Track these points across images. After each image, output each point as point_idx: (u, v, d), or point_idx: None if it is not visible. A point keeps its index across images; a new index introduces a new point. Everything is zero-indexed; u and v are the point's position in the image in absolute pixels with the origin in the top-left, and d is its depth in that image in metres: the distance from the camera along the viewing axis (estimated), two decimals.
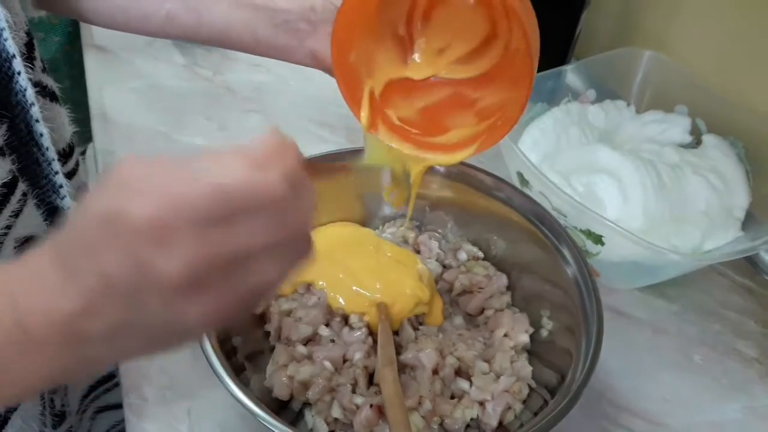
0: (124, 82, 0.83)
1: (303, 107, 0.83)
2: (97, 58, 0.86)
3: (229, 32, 0.49)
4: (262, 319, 0.54)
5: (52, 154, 0.46)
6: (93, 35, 0.88)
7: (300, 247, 0.30)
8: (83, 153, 1.08)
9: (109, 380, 0.63)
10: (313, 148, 0.76)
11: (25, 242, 0.46)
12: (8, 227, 0.44)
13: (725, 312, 0.64)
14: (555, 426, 0.42)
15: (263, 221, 0.27)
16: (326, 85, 0.88)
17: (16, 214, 0.44)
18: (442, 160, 0.51)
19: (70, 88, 0.97)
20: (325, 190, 0.57)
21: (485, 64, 0.49)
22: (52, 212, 0.49)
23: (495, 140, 0.48)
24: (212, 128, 0.78)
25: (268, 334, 0.53)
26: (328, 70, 0.49)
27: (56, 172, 0.47)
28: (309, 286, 0.55)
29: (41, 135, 0.45)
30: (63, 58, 0.95)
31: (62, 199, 0.49)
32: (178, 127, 0.78)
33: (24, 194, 0.45)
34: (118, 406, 0.64)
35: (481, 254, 0.60)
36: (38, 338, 0.27)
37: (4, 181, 0.42)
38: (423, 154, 0.49)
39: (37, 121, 0.44)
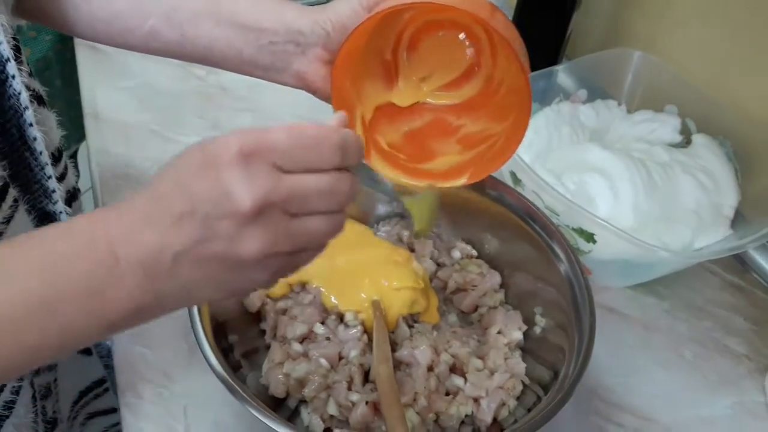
0: (116, 81, 0.83)
1: (295, 107, 0.83)
2: (90, 56, 0.86)
3: (213, 50, 0.48)
4: (258, 317, 0.54)
5: (45, 158, 0.46)
6: None
7: (341, 204, 0.35)
8: (74, 154, 1.07)
9: (99, 386, 0.63)
10: None
11: None
12: (0, 234, 0.44)
13: (715, 309, 0.65)
14: (548, 422, 0.42)
15: (322, 169, 0.33)
16: None
17: (8, 221, 0.44)
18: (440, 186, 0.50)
19: (62, 87, 0.96)
20: None
21: (468, 93, 0.49)
22: (43, 218, 0.49)
23: (490, 170, 0.48)
24: (206, 127, 0.78)
25: (263, 332, 0.54)
26: (314, 92, 0.48)
27: (49, 177, 0.47)
28: (304, 285, 0.55)
29: (35, 139, 0.44)
30: (55, 56, 0.94)
31: (54, 203, 0.49)
32: (172, 126, 0.78)
33: (15, 200, 0.45)
34: (108, 411, 0.64)
35: (474, 252, 0.60)
36: (125, 264, 0.30)
37: None
38: (416, 181, 0.49)
39: (30, 125, 0.43)
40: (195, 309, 0.45)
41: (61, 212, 0.49)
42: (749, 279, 0.68)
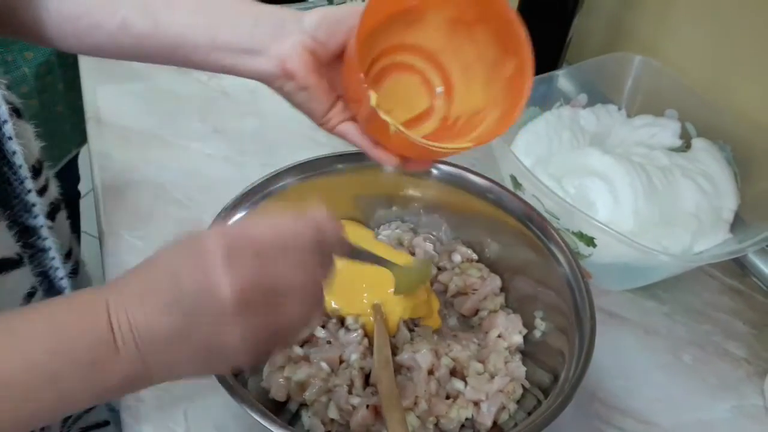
0: (119, 85, 0.83)
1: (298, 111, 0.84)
2: (92, 60, 0.86)
3: (185, 38, 0.47)
4: None
5: (24, 171, 0.46)
6: None
7: (318, 299, 0.37)
8: (75, 157, 1.08)
9: None
10: (308, 151, 0.76)
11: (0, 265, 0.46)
12: None
13: (714, 313, 0.65)
14: (548, 425, 0.42)
15: (300, 263, 0.35)
16: None
17: None
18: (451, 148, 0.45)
19: (65, 90, 0.97)
20: (321, 190, 0.58)
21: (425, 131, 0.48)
22: (24, 232, 0.48)
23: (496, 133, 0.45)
24: (207, 131, 0.79)
25: None
26: (291, 77, 0.46)
27: (29, 191, 0.47)
28: None
29: (14, 153, 0.44)
30: (57, 60, 0.94)
31: (35, 218, 0.48)
32: (174, 130, 0.78)
33: None
34: (101, 425, 0.63)
35: (475, 256, 0.60)
36: (121, 340, 0.32)
37: None
38: (431, 143, 0.47)
39: (9, 138, 0.43)
40: None
41: (42, 226, 0.49)
42: (749, 283, 0.68)
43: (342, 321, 0.54)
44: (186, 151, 0.75)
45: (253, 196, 0.54)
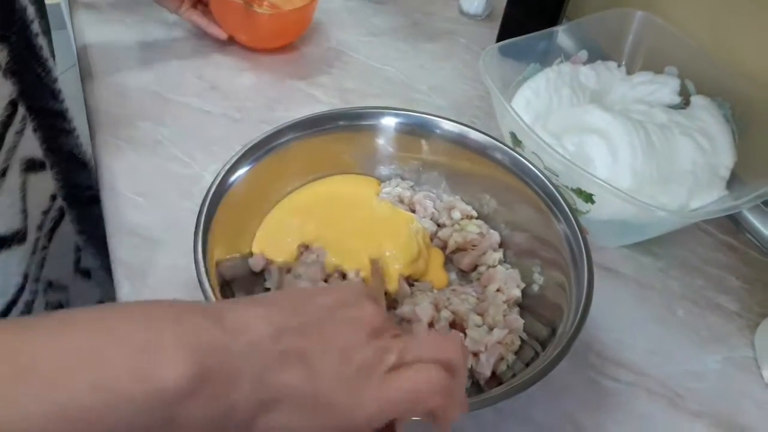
0: (113, 41, 0.82)
1: (295, 66, 0.83)
2: (86, 16, 0.85)
3: None
4: (263, 275, 0.55)
5: (51, 63, 0.48)
6: None
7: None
8: None
9: None
10: (306, 108, 0.76)
11: (29, 165, 0.48)
12: (14, 147, 0.46)
13: (708, 268, 0.66)
14: (545, 376, 0.44)
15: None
16: (317, 46, 0.88)
17: (20, 133, 0.46)
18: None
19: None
20: (322, 147, 0.58)
21: None
22: (49, 136, 0.51)
23: None
24: (205, 87, 0.78)
25: (268, 290, 0.55)
26: None
27: (55, 79, 0.50)
28: (308, 246, 0.56)
29: (41, 47, 0.46)
30: None
31: (61, 102, 0.52)
32: (171, 86, 0.77)
33: (24, 118, 0.47)
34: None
35: (474, 213, 0.61)
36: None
37: (9, 100, 0.44)
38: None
39: (36, 35, 0.45)
40: (202, 267, 0.46)
41: (68, 110, 0.53)
42: (742, 239, 0.69)
43: (343, 275, 0.54)
44: (184, 107, 0.75)
45: (256, 151, 0.54)
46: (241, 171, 0.53)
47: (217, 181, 0.51)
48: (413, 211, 0.61)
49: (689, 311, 0.62)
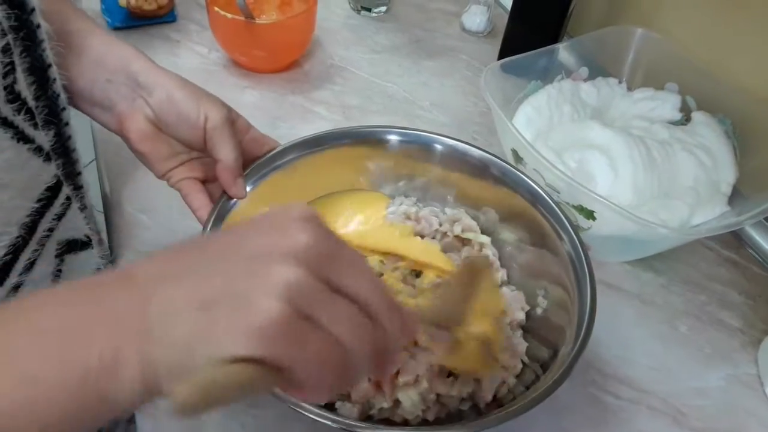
0: None
1: (297, 83, 0.84)
2: None
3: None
4: None
5: (77, 155, 0.47)
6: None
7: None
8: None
9: None
10: (308, 125, 0.77)
11: (66, 246, 0.47)
12: (51, 230, 0.44)
13: (711, 284, 0.66)
14: (545, 399, 0.43)
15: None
16: (320, 64, 0.89)
17: (59, 218, 0.45)
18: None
19: None
20: (328, 165, 0.59)
21: None
22: (90, 214, 0.50)
23: None
24: None
25: None
26: (126, 140, 0.50)
27: (79, 173, 0.47)
28: None
29: (70, 137, 0.45)
30: None
31: (63, 110, 0.47)
32: None
33: (68, 198, 0.45)
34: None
35: (477, 229, 0.61)
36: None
37: (49, 185, 0.43)
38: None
39: (66, 124, 0.44)
40: None
41: (69, 122, 0.48)
42: (745, 254, 0.69)
43: None
44: None
45: (261, 169, 0.55)
46: (247, 189, 0.54)
47: (222, 200, 0.52)
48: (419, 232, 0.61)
49: (691, 327, 0.62)
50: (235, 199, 0.52)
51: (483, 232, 0.61)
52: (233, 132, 0.50)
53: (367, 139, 0.60)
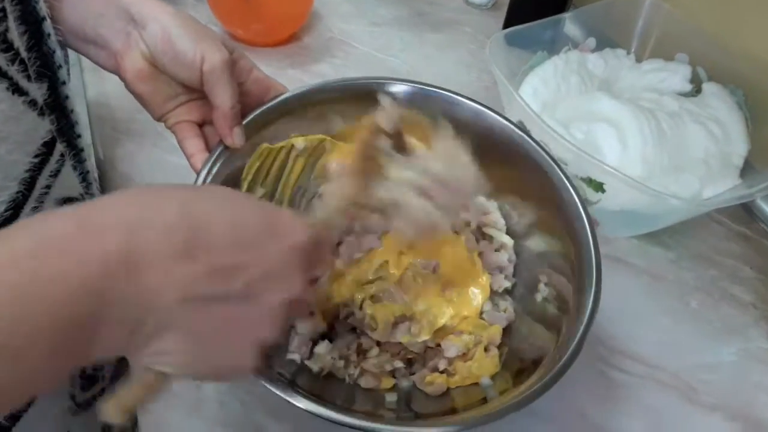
0: None
1: (296, 56, 0.82)
2: None
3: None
4: None
5: (75, 116, 0.45)
6: None
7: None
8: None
9: None
10: None
11: (63, 204, 0.46)
12: (48, 187, 0.43)
13: (721, 259, 0.65)
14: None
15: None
16: (319, 37, 0.86)
17: (55, 174, 0.43)
18: None
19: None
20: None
21: None
22: (86, 175, 0.48)
23: None
24: None
25: None
26: (123, 80, 0.48)
27: (78, 135, 0.46)
28: None
29: (66, 97, 0.43)
30: None
31: (59, 68, 0.45)
32: None
33: (62, 155, 0.44)
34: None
35: (503, 228, 0.58)
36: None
37: (45, 140, 0.42)
38: None
39: (63, 83, 0.42)
40: None
41: (66, 81, 0.46)
42: (756, 228, 0.68)
43: None
44: None
45: (266, 116, 0.52)
46: (238, 163, 0.52)
47: (219, 149, 0.48)
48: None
49: (702, 302, 0.61)
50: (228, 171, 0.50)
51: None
52: (232, 76, 0.47)
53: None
